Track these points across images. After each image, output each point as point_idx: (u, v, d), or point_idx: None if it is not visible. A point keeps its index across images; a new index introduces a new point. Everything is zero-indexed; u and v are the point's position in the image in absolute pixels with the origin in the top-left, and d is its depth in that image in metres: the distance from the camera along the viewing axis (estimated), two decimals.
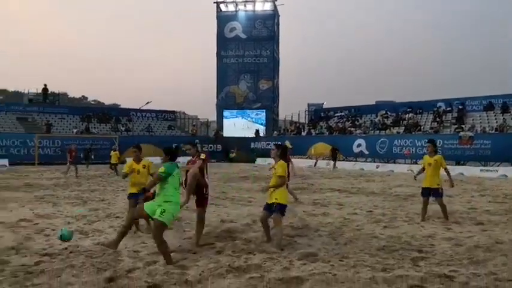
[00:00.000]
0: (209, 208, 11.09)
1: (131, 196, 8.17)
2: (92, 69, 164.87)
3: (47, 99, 42.49)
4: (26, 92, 44.27)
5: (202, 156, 7.34)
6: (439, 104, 34.10)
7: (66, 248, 6.80)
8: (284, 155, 7.33)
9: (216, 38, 48.02)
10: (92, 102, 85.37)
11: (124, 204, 11.82)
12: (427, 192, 9.64)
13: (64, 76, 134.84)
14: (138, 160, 8.36)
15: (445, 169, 9.77)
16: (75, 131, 37.91)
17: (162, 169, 6.22)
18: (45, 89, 42.18)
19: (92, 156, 31.14)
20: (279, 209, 6.98)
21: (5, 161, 30.58)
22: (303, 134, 40.33)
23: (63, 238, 6.53)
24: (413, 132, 31.03)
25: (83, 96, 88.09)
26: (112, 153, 24.33)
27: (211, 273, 5.54)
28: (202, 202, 7.30)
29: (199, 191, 7.23)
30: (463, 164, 26.59)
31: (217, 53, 48.03)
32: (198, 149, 7.59)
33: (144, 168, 8.23)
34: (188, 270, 5.71)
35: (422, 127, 32.06)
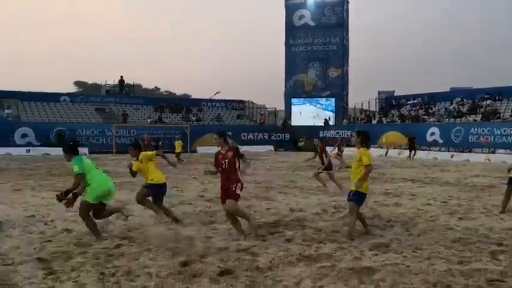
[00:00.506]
0: (278, 196, 11.26)
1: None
2: (164, 60, 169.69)
3: (123, 91, 44.41)
4: (103, 84, 46.52)
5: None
6: None
7: (142, 233, 7.12)
8: (366, 141, 7.07)
9: (284, 27, 47.87)
10: (164, 93, 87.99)
11: (196, 191, 12.18)
12: None
13: (138, 68, 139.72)
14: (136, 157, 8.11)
15: None
16: (149, 120, 39.35)
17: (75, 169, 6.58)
18: (121, 81, 44.11)
19: (160, 144, 32.33)
20: (356, 197, 6.86)
21: (85, 150, 32.41)
22: (374, 122, 39.47)
23: None
24: (491, 120, 29.45)
25: (155, 87, 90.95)
26: (176, 142, 25.00)
27: (281, 261, 5.60)
28: (227, 196, 6.85)
29: (223, 186, 6.94)
30: None
31: (285, 42, 47.87)
32: (227, 140, 7.09)
33: (141, 162, 8.04)
34: (258, 257, 5.80)
35: (501, 114, 30.34)
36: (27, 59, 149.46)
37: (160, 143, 32.00)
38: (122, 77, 44.24)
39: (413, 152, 27.93)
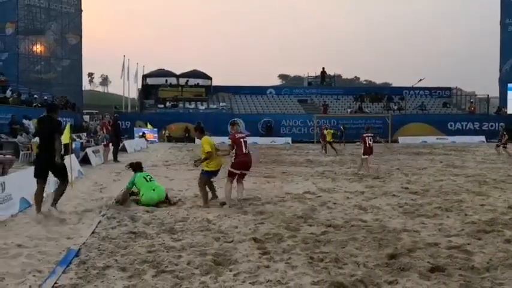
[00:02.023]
0: (493, 192, 10.16)
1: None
2: (362, 49, 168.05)
3: (324, 82, 45.46)
4: (305, 76, 48.32)
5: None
6: None
7: (347, 222, 7.21)
8: None
9: (499, 4, 42.95)
10: (364, 82, 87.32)
11: (400, 183, 11.82)
12: None
13: (339, 58, 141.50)
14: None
15: None
16: (349, 110, 39.56)
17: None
18: (323, 72, 45.28)
19: (343, 135, 32.30)
20: None
21: (289, 139, 34.23)
22: None
23: None
24: None
25: (355, 77, 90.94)
26: (326, 131, 24.57)
27: (500, 263, 5.08)
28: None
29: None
30: None
31: (500, 21, 42.93)
32: (236, 128, 9.16)
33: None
34: (473, 256, 5.36)
35: None
36: (237, 56, 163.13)
37: (344, 133, 32.25)
38: (323, 68, 45.49)
39: None
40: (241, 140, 8.61)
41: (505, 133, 21.18)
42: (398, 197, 9.56)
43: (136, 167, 9.46)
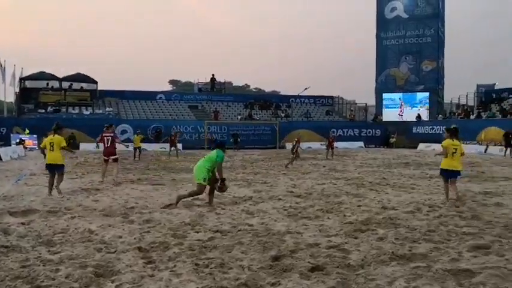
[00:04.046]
0: (369, 194, 11.02)
1: None
2: (253, 57, 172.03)
3: (215, 88, 45.77)
4: (196, 82, 48.26)
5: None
6: None
7: (234, 226, 7.31)
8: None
9: (375, 20, 46.53)
10: (254, 90, 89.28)
11: (285, 187, 12.27)
12: None
13: (229, 66, 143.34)
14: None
15: None
16: (239, 117, 40.22)
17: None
18: (212, 79, 45.50)
19: (239, 140, 33.40)
20: None
21: (179, 145, 33.89)
22: (472, 117, 37.27)
23: None
24: None
25: (245, 84, 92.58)
26: (135, 136, 25.06)
27: (373, 259, 5.47)
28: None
29: None
30: None
31: (376, 35, 46.53)
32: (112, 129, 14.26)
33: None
34: (350, 254, 5.72)
35: None
36: (125, 60, 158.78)
37: (239, 139, 33.30)
38: (213, 75, 45.70)
39: (509, 149, 26.07)
40: (105, 137, 13.62)
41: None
42: (284, 201, 9.92)
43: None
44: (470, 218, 8.03)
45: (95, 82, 42.39)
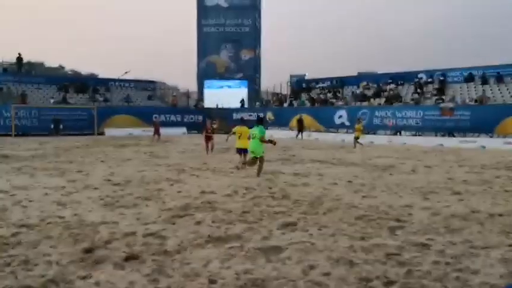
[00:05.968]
0: (190, 179, 11.16)
1: None
2: (70, 38, 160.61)
3: (22, 69, 41.42)
4: (0, 61, 43.09)
5: None
6: (420, 75, 34.28)
7: (43, 220, 6.72)
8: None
9: (196, 6, 47.05)
10: (70, 72, 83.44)
11: (103, 176, 11.72)
12: None
13: (41, 45, 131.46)
14: None
15: None
16: (52, 101, 37.16)
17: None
18: (19, 58, 40.95)
19: (61, 127, 31.37)
20: None
21: None
22: (285, 105, 40.26)
23: None
24: (394, 104, 31.19)
25: (60, 65, 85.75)
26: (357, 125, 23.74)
27: (190, 244, 5.53)
28: None
29: None
30: (443, 135, 27.07)
31: (197, 22, 47.14)
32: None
33: None
34: (167, 240, 5.69)
35: (403, 98, 32.22)
36: None
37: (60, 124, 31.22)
38: (19, 54, 41.02)
39: (300, 132, 30.54)
40: None
41: None
42: (100, 190, 9.45)
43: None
44: (281, 198, 8.66)
45: None
